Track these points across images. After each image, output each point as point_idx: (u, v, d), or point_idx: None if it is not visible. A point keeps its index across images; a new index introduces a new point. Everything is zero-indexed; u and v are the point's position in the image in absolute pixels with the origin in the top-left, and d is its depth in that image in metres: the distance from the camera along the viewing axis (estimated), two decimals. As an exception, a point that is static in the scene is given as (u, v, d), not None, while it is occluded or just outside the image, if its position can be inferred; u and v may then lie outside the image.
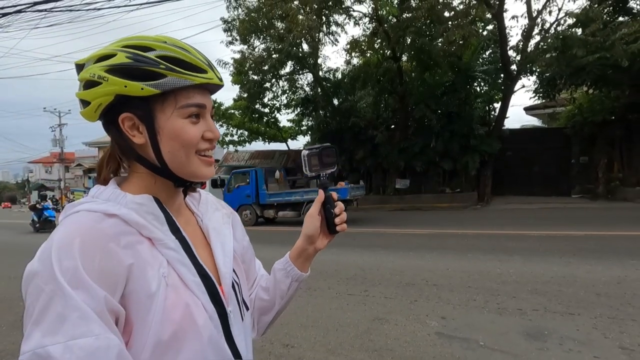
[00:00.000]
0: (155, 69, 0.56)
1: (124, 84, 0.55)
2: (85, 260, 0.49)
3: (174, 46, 0.58)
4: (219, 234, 0.70)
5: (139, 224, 0.57)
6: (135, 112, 0.57)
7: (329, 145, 0.78)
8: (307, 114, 18.38)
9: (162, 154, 0.59)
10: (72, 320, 0.46)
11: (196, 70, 0.58)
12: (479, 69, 14.78)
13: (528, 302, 3.68)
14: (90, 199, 0.58)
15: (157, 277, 0.55)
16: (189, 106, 0.58)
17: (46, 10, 7.17)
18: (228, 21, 15.07)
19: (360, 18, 14.74)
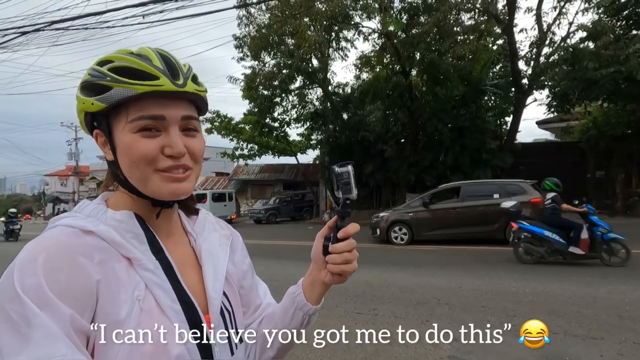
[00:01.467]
0: (102, 81, 0.53)
1: (83, 100, 0.55)
2: (49, 276, 0.47)
3: (132, 55, 0.55)
4: (212, 256, 0.65)
5: (116, 242, 0.53)
6: (102, 128, 0.56)
7: (343, 163, 0.66)
8: (316, 128, 18.46)
9: (123, 171, 0.56)
10: (37, 340, 0.43)
11: (145, 77, 0.53)
12: (490, 82, 14.70)
13: (546, 324, 3.49)
14: (72, 214, 0.56)
15: (130, 300, 0.51)
16: (140, 119, 0.53)
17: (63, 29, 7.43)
18: (239, 38, 15.41)
19: (370, 34, 14.90)
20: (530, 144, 17.21)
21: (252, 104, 16.81)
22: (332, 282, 0.66)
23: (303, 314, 0.69)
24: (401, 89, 15.01)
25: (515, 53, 12.88)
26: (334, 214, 0.68)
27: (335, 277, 0.65)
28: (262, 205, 20.22)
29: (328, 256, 0.65)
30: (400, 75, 14.89)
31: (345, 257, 0.63)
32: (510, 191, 8.77)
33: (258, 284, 0.77)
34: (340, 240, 0.64)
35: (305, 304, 0.68)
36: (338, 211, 0.66)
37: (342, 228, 0.64)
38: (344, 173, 0.64)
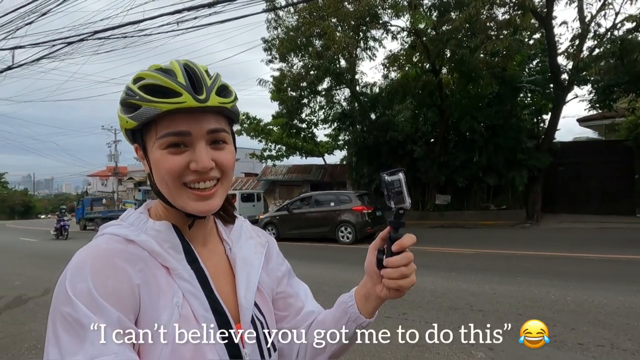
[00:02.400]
0: (133, 100, 0.56)
1: (121, 117, 0.58)
2: (97, 282, 0.50)
3: (160, 72, 0.56)
4: (246, 265, 0.66)
5: (155, 252, 0.56)
6: (138, 142, 0.59)
7: (394, 171, 0.62)
8: (344, 128, 18.39)
9: (156, 184, 0.59)
10: (91, 340, 0.47)
11: (169, 95, 0.54)
12: (526, 79, 14.02)
13: (590, 335, 3.28)
14: (118, 222, 0.60)
15: (170, 306, 0.54)
16: (167, 135, 0.55)
17: (104, 38, 7.89)
18: (268, 40, 15.65)
19: (398, 32, 14.67)
20: (571, 142, 16.23)
21: (281, 105, 17.02)
22: (388, 297, 0.64)
23: (356, 326, 0.67)
24: (431, 87, 14.67)
25: (554, 47, 12.22)
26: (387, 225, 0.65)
27: (392, 292, 0.63)
28: (290, 205, 20.39)
29: (383, 270, 0.62)
30: (429, 73, 14.55)
31: (402, 272, 0.60)
32: (342, 200, 10.52)
33: (298, 288, 0.76)
34: (396, 253, 0.61)
35: (358, 317, 0.67)
36: (391, 222, 0.63)
37: (397, 240, 0.61)
38: (395, 182, 0.61)
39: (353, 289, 0.70)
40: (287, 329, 0.70)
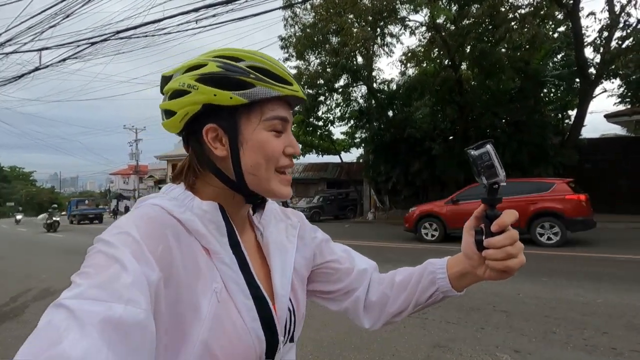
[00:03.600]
0: (245, 78, 0.54)
1: (214, 92, 0.53)
2: (147, 241, 0.47)
3: (261, 57, 0.57)
4: (280, 250, 0.64)
5: (199, 233, 0.54)
6: (221, 123, 0.55)
7: (480, 144, 0.57)
8: (360, 126, 18.28)
9: (242, 167, 0.56)
10: (125, 284, 0.41)
11: (283, 81, 0.56)
12: (551, 73, 13.53)
13: (624, 340, 3.10)
14: (160, 195, 0.57)
15: (210, 291, 0.52)
16: (275, 118, 0.56)
17: (126, 38, 8.05)
18: (285, 38, 15.67)
19: (417, 27, 14.41)
20: (598, 139, 15.58)
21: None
22: (493, 279, 0.61)
23: (444, 296, 0.69)
24: (450, 83, 14.35)
25: (580, 40, 11.73)
26: (483, 203, 0.59)
27: (499, 273, 0.59)
28: (306, 203, 20.42)
29: (486, 252, 0.58)
30: (449, 69, 14.23)
31: (508, 252, 0.57)
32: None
33: (338, 250, 0.76)
34: (496, 233, 0.57)
35: (449, 290, 0.68)
36: (485, 199, 0.58)
37: (494, 218, 0.57)
38: (483, 155, 0.56)
39: (445, 258, 0.70)
40: (344, 290, 0.73)
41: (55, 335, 0.36)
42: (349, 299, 0.73)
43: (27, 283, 6.16)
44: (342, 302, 0.74)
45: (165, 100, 0.58)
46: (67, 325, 0.37)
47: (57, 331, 0.37)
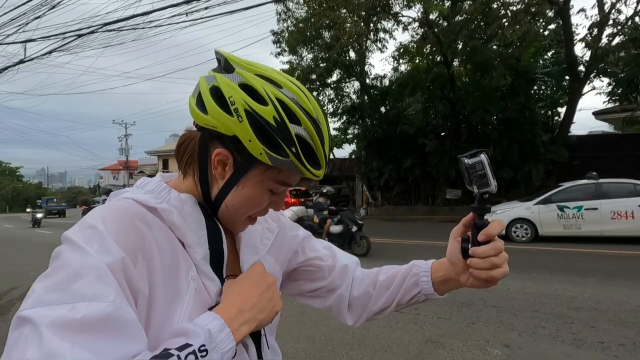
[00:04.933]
0: (286, 146, 0.50)
1: (251, 138, 0.50)
2: (115, 231, 0.46)
3: (316, 132, 0.52)
4: (251, 251, 0.63)
5: (174, 224, 0.52)
6: (236, 156, 0.53)
7: (475, 152, 0.57)
8: (353, 122, 18.24)
9: (225, 201, 0.55)
10: (87, 281, 0.40)
11: (315, 164, 0.54)
12: (541, 70, 13.65)
13: (611, 334, 3.16)
14: (134, 189, 0.56)
15: (186, 279, 0.51)
16: (281, 184, 0.56)
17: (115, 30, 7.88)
18: (277, 33, 15.52)
19: (409, 23, 14.40)
20: (587, 136, 15.86)
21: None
22: (476, 287, 0.61)
23: (426, 298, 0.70)
24: (442, 79, 14.41)
25: (571, 37, 11.83)
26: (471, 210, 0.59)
27: (481, 282, 0.59)
28: (299, 199, 20.38)
29: (471, 260, 0.59)
30: (441, 65, 14.27)
31: (493, 262, 0.56)
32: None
33: (320, 247, 0.76)
34: (482, 242, 0.57)
35: (432, 294, 0.69)
36: (475, 208, 0.58)
37: (482, 227, 0.57)
38: (476, 164, 0.55)
39: (430, 261, 0.71)
40: (328, 287, 0.74)
41: (22, 350, 0.36)
42: (332, 296, 0.74)
43: (13, 281, 6.03)
44: (326, 299, 0.75)
45: (210, 90, 0.52)
46: (32, 336, 0.37)
47: (24, 345, 0.37)
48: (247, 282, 0.53)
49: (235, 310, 0.49)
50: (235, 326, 0.47)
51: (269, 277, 0.55)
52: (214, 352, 0.43)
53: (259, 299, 0.52)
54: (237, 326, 0.47)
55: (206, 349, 0.42)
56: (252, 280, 0.54)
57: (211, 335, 0.44)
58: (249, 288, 0.52)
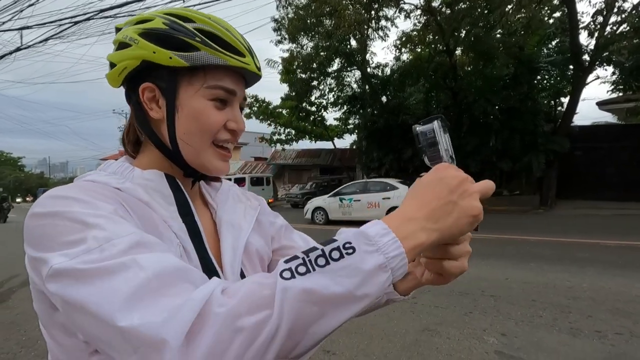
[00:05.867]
0: (190, 40, 0.50)
1: (154, 49, 0.50)
2: (87, 194, 0.44)
3: (215, 22, 0.53)
4: (233, 228, 0.60)
5: (142, 200, 0.50)
6: (159, 83, 0.52)
7: (428, 119, 0.50)
8: (354, 111, 18.11)
9: (177, 135, 0.53)
10: (100, 225, 0.40)
11: (234, 51, 0.52)
12: (544, 59, 13.45)
13: (608, 323, 3.16)
14: (96, 172, 0.54)
15: (174, 243, 0.49)
16: (217, 88, 0.52)
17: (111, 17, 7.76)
18: (278, 20, 15.29)
19: (412, 10, 14.15)
20: (590, 126, 15.69)
21: (290, 87, 16.76)
22: (431, 283, 0.53)
23: (387, 300, 0.60)
24: (444, 69, 14.23)
25: (576, 25, 11.63)
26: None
27: (436, 277, 0.51)
28: (299, 189, 20.39)
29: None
30: (443, 54, 14.08)
31: (446, 252, 0.48)
32: None
33: (297, 238, 0.72)
34: None
35: (392, 292, 0.58)
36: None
37: None
38: (427, 131, 0.49)
39: None
40: None
41: (116, 284, 0.36)
42: None
43: (13, 269, 6.07)
44: None
45: (112, 51, 0.55)
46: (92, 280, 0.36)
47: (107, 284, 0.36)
48: (424, 185, 0.44)
49: (404, 217, 0.41)
50: (403, 233, 0.39)
51: (455, 175, 0.44)
52: (372, 254, 0.37)
53: (438, 203, 0.42)
54: (406, 233, 0.39)
55: (352, 247, 0.37)
56: (430, 181, 0.44)
57: (365, 235, 0.38)
58: (425, 191, 0.44)
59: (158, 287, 0.35)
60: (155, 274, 0.36)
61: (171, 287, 0.36)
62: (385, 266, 0.37)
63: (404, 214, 0.42)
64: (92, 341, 0.38)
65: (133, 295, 0.35)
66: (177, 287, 0.36)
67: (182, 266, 0.39)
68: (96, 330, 0.36)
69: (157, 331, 0.33)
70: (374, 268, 0.37)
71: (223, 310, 0.34)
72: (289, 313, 0.34)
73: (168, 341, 0.32)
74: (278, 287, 0.35)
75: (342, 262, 0.36)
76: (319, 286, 0.35)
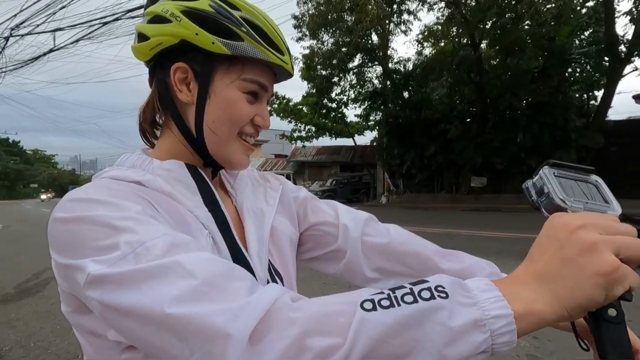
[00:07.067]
0: (236, 28, 0.49)
1: (197, 31, 0.48)
2: (111, 194, 0.42)
3: (261, 15, 0.52)
4: (255, 215, 0.58)
5: (165, 191, 0.48)
6: (193, 65, 0.50)
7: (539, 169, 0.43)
8: (375, 108, 17.93)
9: (205, 122, 0.51)
10: (130, 228, 0.38)
11: (275, 47, 0.51)
12: (577, 51, 12.83)
13: (650, 328, 2.97)
14: (115, 167, 0.52)
15: (204, 234, 0.47)
16: (253, 82, 0.51)
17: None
18: (298, 17, 15.31)
19: (435, 3, 13.83)
20: (625, 121, 14.88)
21: (311, 84, 16.77)
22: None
23: None
24: (469, 62, 13.83)
25: (612, 14, 11.03)
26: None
27: None
28: (319, 186, 20.42)
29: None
30: (468, 47, 13.68)
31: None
32: None
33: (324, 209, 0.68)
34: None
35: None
36: None
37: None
38: (535, 181, 0.43)
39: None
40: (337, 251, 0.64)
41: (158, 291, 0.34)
42: (341, 263, 0.64)
43: (48, 260, 6.34)
44: (337, 264, 0.65)
45: (143, 22, 0.52)
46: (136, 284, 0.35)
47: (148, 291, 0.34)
48: (536, 242, 0.37)
49: (513, 280, 0.35)
50: (511, 294, 0.33)
51: (565, 223, 0.35)
52: (467, 307, 0.32)
53: (549, 262, 0.34)
54: (514, 295, 0.33)
55: (445, 292, 0.32)
56: (540, 236, 0.37)
57: (463, 286, 0.34)
58: (535, 249, 0.37)
59: (209, 289, 0.33)
60: (202, 276, 0.34)
61: (224, 289, 0.34)
62: (483, 325, 0.31)
63: (512, 278, 0.36)
64: (142, 346, 0.36)
65: (185, 296, 0.33)
66: (230, 287, 0.34)
67: (226, 264, 0.37)
68: (148, 334, 0.34)
69: (220, 325, 0.31)
70: (467, 323, 0.31)
71: (294, 317, 0.32)
72: (362, 348, 0.30)
73: (233, 336, 0.30)
74: (356, 317, 0.31)
75: (433, 303, 0.32)
76: (400, 324, 0.31)
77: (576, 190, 0.41)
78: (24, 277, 5.32)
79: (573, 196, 0.40)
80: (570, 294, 0.32)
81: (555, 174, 0.42)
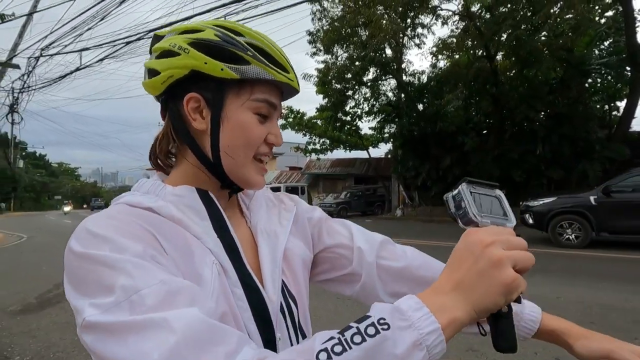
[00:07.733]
0: (242, 53, 0.51)
1: (205, 60, 0.50)
2: (118, 231, 0.44)
3: (263, 38, 0.54)
4: (269, 236, 0.59)
5: (175, 218, 0.50)
6: (205, 94, 0.52)
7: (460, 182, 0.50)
8: (389, 120, 17.92)
9: (220, 147, 0.53)
10: (128, 271, 0.39)
11: (280, 67, 0.54)
12: (597, 61, 12.57)
13: (682, 352, 2.81)
14: (131, 192, 0.54)
15: (209, 264, 0.48)
16: (263, 101, 0.53)
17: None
18: (313, 33, 15.60)
19: (449, 17, 13.88)
20: (650, 132, 14.35)
21: (326, 98, 16.95)
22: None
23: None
24: (485, 74, 13.74)
25: (632, 23, 10.79)
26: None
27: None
28: (334, 199, 20.37)
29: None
30: (483, 59, 13.61)
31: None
32: None
33: (339, 231, 0.68)
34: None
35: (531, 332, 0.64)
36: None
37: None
38: (455, 195, 0.49)
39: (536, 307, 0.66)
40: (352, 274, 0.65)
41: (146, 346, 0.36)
42: (357, 285, 0.66)
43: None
44: (353, 286, 0.66)
45: (151, 58, 0.54)
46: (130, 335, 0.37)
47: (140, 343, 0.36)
48: (453, 254, 0.44)
49: (435, 290, 0.41)
50: (436, 306, 0.38)
51: (480, 240, 0.42)
52: (405, 330, 0.36)
53: (465, 273, 0.40)
54: (438, 306, 0.38)
55: (387, 323, 0.36)
56: (457, 249, 0.44)
57: (399, 311, 0.37)
58: (452, 260, 0.43)
59: (188, 353, 0.35)
60: (185, 339, 0.35)
61: (202, 353, 0.35)
62: (420, 344, 0.36)
63: (435, 288, 0.42)
64: None
65: (164, 357, 0.35)
66: (210, 351, 0.36)
67: (215, 326, 0.38)
68: None
69: None
70: (409, 346, 0.35)
71: None
72: None
73: None
74: None
75: (378, 338, 0.35)
76: None
77: (485, 204, 0.48)
78: (45, 288, 5.45)
79: (482, 211, 0.47)
80: (481, 300, 0.39)
81: (471, 190, 0.48)
